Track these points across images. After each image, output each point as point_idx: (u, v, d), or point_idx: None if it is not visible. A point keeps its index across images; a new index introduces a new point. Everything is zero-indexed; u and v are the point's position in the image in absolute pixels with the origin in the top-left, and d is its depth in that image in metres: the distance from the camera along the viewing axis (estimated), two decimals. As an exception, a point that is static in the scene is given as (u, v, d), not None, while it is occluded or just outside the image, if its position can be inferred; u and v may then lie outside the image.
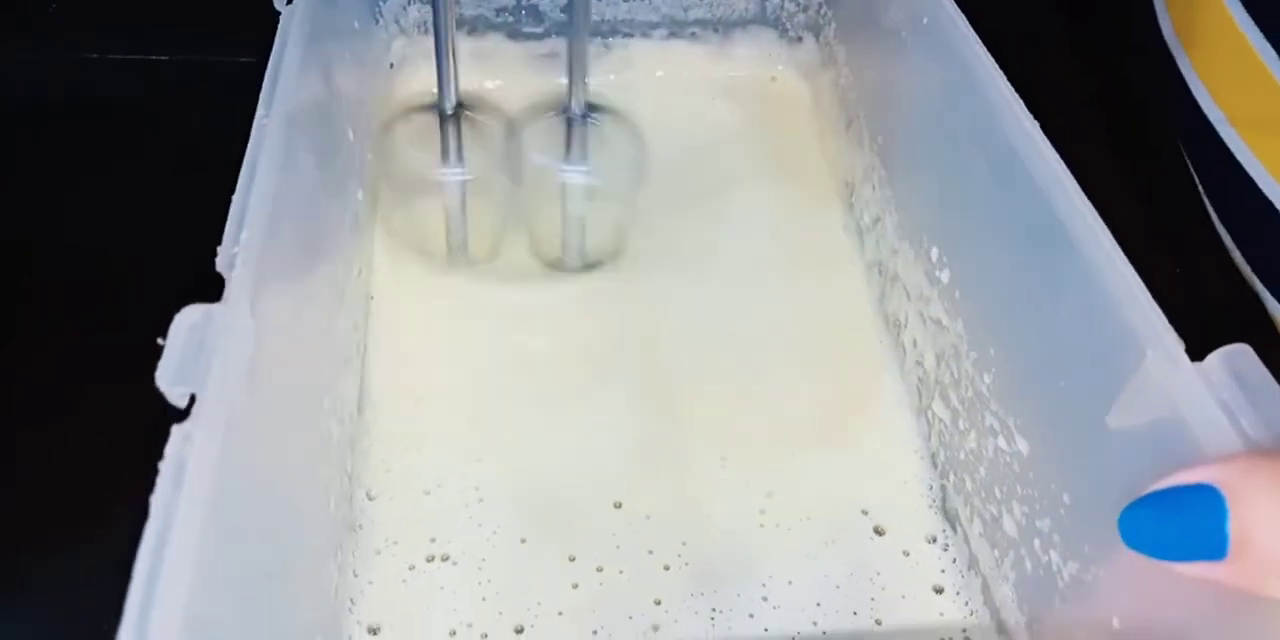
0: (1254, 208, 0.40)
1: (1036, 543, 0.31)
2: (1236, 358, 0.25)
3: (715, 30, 0.52)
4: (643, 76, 0.51)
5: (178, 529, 0.18)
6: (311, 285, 0.31)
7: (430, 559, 0.35)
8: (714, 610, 0.34)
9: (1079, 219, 0.28)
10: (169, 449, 0.19)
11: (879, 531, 0.37)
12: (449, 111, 0.38)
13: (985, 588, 0.34)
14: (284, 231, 0.27)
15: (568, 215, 0.41)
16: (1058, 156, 0.30)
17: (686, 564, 0.35)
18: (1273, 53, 0.38)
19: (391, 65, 0.50)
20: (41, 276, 0.42)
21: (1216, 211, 0.44)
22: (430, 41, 0.50)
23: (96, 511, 0.34)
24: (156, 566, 0.18)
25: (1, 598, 0.33)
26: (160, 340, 0.21)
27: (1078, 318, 0.28)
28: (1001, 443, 0.33)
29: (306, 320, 0.30)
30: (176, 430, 0.20)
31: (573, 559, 0.35)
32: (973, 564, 0.35)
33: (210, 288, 0.24)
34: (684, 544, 0.36)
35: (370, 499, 0.36)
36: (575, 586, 0.34)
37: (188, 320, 0.22)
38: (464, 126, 0.39)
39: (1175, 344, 0.26)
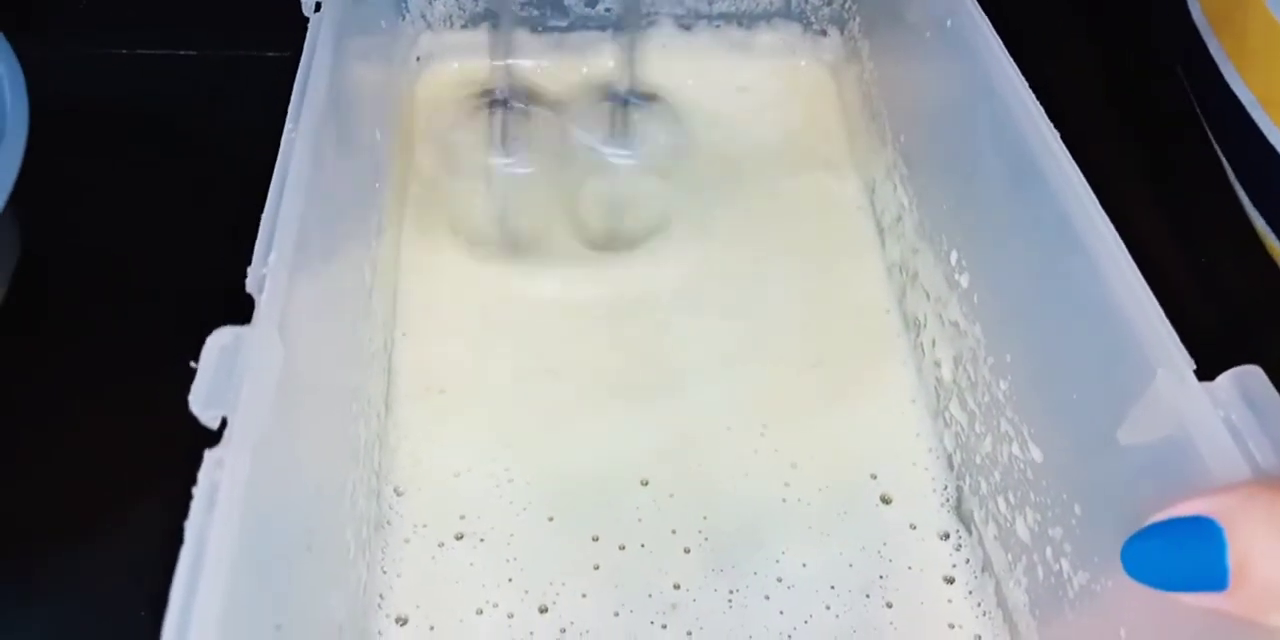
0: None
1: (1049, 550, 0.31)
2: (1246, 379, 0.25)
3: (739, 23, 0.52)
4: (665, 69, 0.51)
5: (211, 552, 0.19)
6: (339, 293, 0.32)
7: (460, 537, 0.36)
8: (731, 591, 0.35)
9: (1095, 235, 0.29)
10: (202, 474, 0.20)
11: (892, 518, 0.37)
12: (502, 100, 0.40)
13: (999, 589, 0.35)
14: (312, 246, 0.27)
15: (612, 195, 0.43)
16: (1078, 170, 0.30)
17: (706, 539, 0.36)
18: None
19: (418, 59, 0.51)
20: (58, 273, 0.43)
21: (1248, 194, 0.44)
22: (458, 35, 0.51)
23: (104, 512, 0.35)
24: (192, 589, 0.19)
25: (7, 597, 0.34)
26: (193, 363, 0.22)
27: (1091, 333, 0.29)
28: (1016, 449, 0.33)
29: (335, 329, 0.31)
30: (209, 455, 0.20)
31: (596, 539, 0.36)
32: (986, 566, 0.36)
33: (229, 284, 0.25)
34: (705, 518, 0.37)
35: (399, 494, 0.37)
36: (597, 568, 0.35)
37: (219, 342, 0.23)
38: (514, 114, 0.41)
39: (1185, 364, 0.26)
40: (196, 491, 0.20)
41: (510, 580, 0.35)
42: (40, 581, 0.34)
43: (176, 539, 0.20)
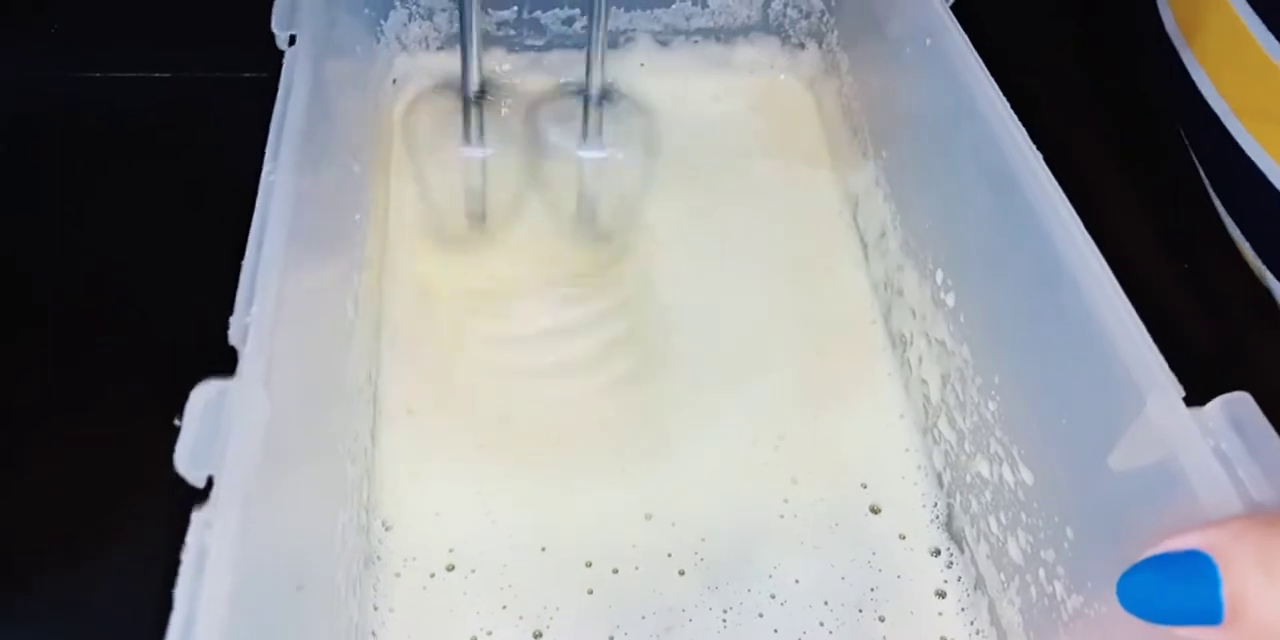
0: (1260, 198, 0.40)
1: (1041, 572, 0.31)
2: (1236, 406, 0.25)
3: (717, 39, 0.51)
4: (644, 85, 0.51)
5: (202, 618, 0.19)
6: (323, 333, 0.32)
7: (451, 568, 0.36)
8: (726, 610, 0.35)
9: (1080, 258, 0.29)
10: (189, 537, 0.20)
11: (883, 531, 0.38)
12: (472, 95, 0.41)
13: (992, 608, 0.35)
14: (295, 290, 0.27)
15: (583, 192, 0.44)
16: (1060, 192, 0.30)
17: (702, 559, 0.36)
18: (1275, 43, 0.38)
19: (394, 81, 0.50)
20: (41, 298, 0.42)
21: (1223, 203, 0.44)
22: (431, 58, 0.50)
23: (99, 527, 0.35)
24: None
25: (4, 609, 0.34)
26: (177, 420, 0.22)
27: (1080, 358, 0.29)
28: (1006, 470, 0.33)
29: (320, 369, 0.31)
30: (196, 516, 0.20)
31: (590, 564, 0.36)
32: (979, 584, 0.36)
33: (225, 295, 0.25)
34: (703, 540, 0.37)
35: (388, 529, 0.36)
36: (591, 592, 0.36)
37: (203, 397, 0.22)
38: (485, 108, 0.42)
39: (1175, 391, 0.26)
40: (185, 555, 0.20)
41: (504, 607, 0.35)
42: (40, 596, 0.34)
43: (171, 554, 0.20)
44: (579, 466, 0.39)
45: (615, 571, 0.36)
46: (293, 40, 0.35)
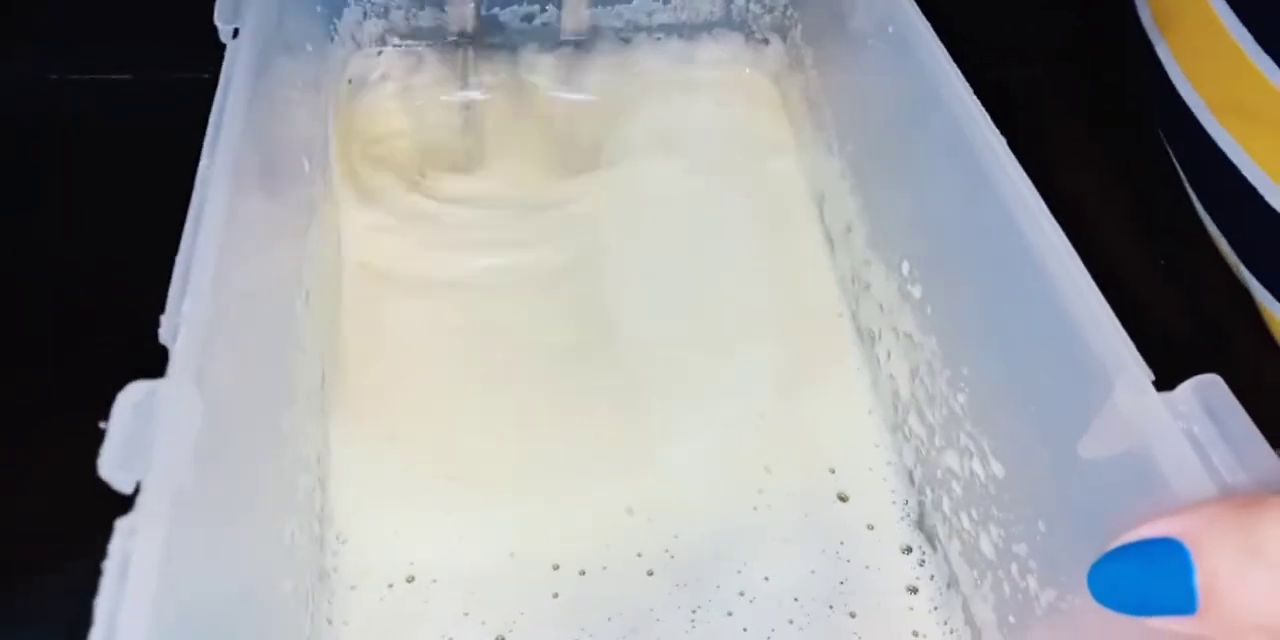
0: (1236, 193, 0.40)
1: (1014, 567, 0.31)
2: (1206, 389, 0.24)
3: (680, 34, 0.51)
4: (607, 82, 0.51)
5: (123, 631, 0.18)
6: (268, 333, 0.31)
7: (411, 578, 0.35)
8: (694, 610, 0.35)
9: (1047, 245, 0.28)
10: (113, 545, 0.19)
11: (853, 529, 0.37)
12: (462, 37, 0.46)
13: (966, 605, 0.34)
14: (232, 288, 0.26)
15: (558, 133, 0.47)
16: (1026, 178, 0.30)
17: (673, 558, 0.36)
18: (1250, 38, 0.38)
19: (350, 81, 0.49)
20: (40, 296, 0.41)
21: (1199, 198, 0.43)
22: (390, 55, 0.50)
23: (99, 527, 0.34)
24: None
25: (4, 609, 0.33)
26: (102, 423, 0.21)
27: (1047, 345, 0.28)
28: (976, 464, 0.33)
29: (264, 372, 0.30)
30: (120, 524, 0.19)
31: (557, 567, 0.35)
32: (952, 582, 0.35)
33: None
34: (675, 537, 0.36)
35: (342, 541, 0.35)
36: (556, 595, 0.35)
37: (131, 399, 0.21)
38: (470, 51, 0.46)
39: (1144, 375, 0.25)
40: (106, 564, 0.18)
41: (466, 614, 0.34)
42: (40, 596, 0.33)
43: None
44: (545, 468, 0.38)
45: (582, 573, 0.35)
46: (236, 34, 0.34)
